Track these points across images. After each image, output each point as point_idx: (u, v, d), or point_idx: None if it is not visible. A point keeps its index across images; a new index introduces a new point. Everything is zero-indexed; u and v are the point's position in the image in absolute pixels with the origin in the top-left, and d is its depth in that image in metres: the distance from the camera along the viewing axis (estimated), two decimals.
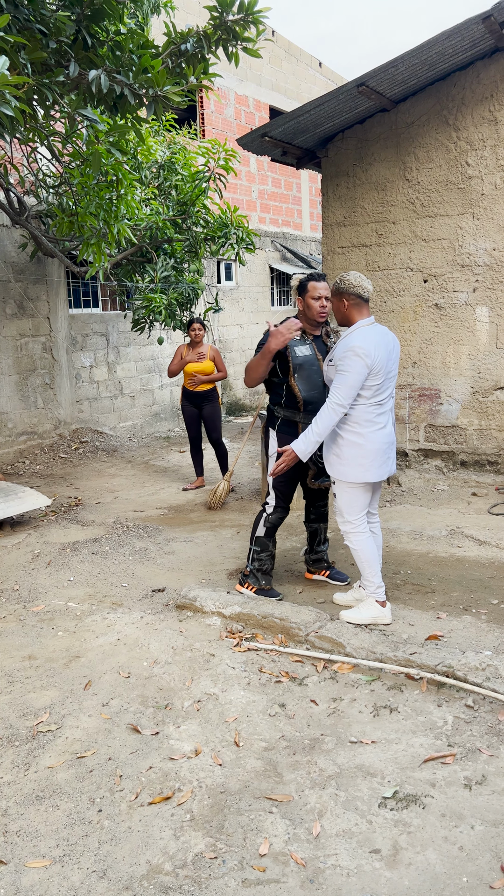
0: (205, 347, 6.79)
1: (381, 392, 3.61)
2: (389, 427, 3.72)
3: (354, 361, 3.50)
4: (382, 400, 3.64)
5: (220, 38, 4.06)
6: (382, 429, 3.66)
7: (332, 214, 7.33)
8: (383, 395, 3.64)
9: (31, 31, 3.73)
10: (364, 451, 3.62)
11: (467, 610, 3.92)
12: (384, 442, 3.66)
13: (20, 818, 2.41)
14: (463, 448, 6.90)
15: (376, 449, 3.63)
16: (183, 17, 10.90)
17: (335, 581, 4.34)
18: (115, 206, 5.53)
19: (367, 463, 3.63)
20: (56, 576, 4.65)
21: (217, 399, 6.88)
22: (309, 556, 4.44)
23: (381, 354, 3.56)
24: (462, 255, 6.66)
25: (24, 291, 8.29)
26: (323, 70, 15.56)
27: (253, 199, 13.31)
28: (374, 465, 3.64)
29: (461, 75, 6.40)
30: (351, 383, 3.52)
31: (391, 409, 3.74)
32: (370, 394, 3.59)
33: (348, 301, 3.64)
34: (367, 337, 3.55)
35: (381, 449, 3.65)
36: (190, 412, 6.90)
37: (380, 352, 3.55)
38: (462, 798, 2.41)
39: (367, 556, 3.75)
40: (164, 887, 2.09)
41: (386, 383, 3.63)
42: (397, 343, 3.76)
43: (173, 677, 3.26)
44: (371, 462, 3.64)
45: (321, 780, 2.54)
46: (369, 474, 3.65)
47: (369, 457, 3.63)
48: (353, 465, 3.65)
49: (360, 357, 3.49)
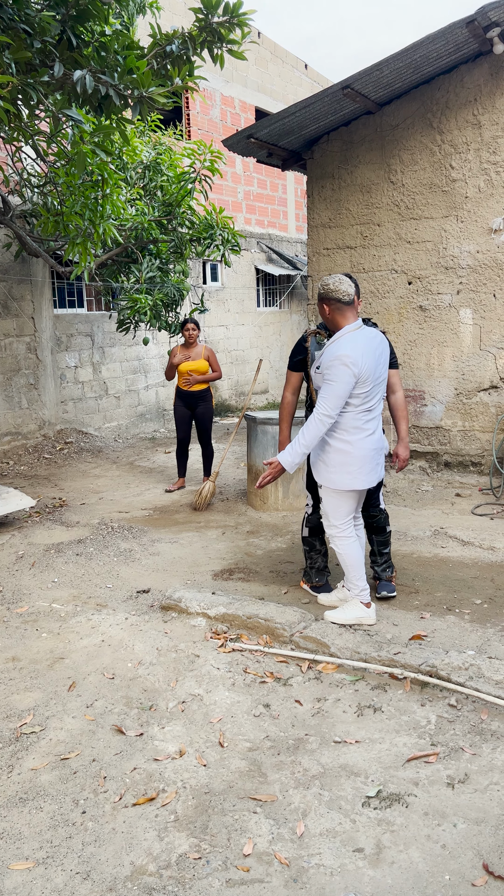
0: (199, 347, 6.78)
1: (370, 399, 3.56)
2: (378, 433, 3.67)
3: (341, 371, 3.42)
4: (371, 406, 3.59)
5: (205, 40, 4.07)
6: (371, 435, 3.60)
7: (318, 216, 7.36)
8: (372, 402, 3.59)
9: (15, 30, 3.71)
10: (351, 458, 3.57)
11: (451, 610, 3.95)
12: (372, 448, 3.61)
13: (3, 820, 2.40)
14: (447, 449, 6.94)
15: (364, 456, 3.58)
16: (168, 19, 10.89)
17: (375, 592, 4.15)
18: (101, 206, 5.52)
19: (354, 470, 3.59)
20: (40, 577, 4.63)
21: (211, 400, 6.87)
22: None
23: (369, 362, 3.49)
24: (446, 258, 6.70)
25: (9, 291, 8.25)
26: (309, 72, 15.61)
27: (238, 201, 13.32)
28: (362, 472, 3.60)
29: (445, 79, 6.45)
30: (338, 393, 3.44)
31: (379, 414, 3.69)
32: (358, 402, 3.53)
33: (329, 307, 3.57)
34: (354, 344, 3.47)
35: (369, 456, 3.60)
36: (182, 412, 6.88)
37: (367, 359, 3.48)
38: (445, 797, 2.42)
39: (352, 559, 3.74)
40: (148, 888, 2.09)
41: (374, 389, 3.58)
42: (386, 345, 3.69)
43: (158, 678, 3.26)
44: (359, 469, 3.59)
45: (305, 779, 2.55)
46: (356, 482, 3.60)
47: (356, 464, 3.58)
48: (340, 472, 3.60)
49: (346, 366, 3.41)
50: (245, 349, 13.38)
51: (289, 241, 14.97)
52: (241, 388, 13.21)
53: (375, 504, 4.10)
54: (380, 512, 4.13)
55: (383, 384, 3.67)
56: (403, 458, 4.09)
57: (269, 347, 14.06)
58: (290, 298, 14.77)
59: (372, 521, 4.13)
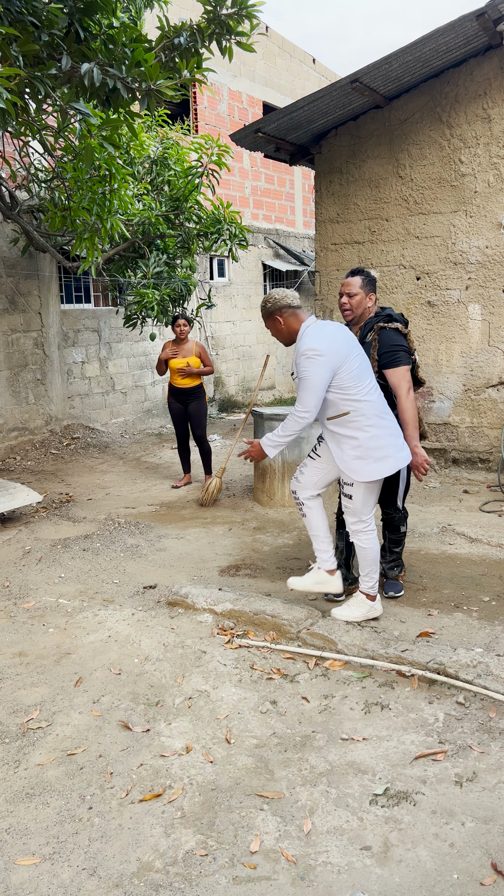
0: (190, 343, 6.76)
1: (363, 377, 3.43)
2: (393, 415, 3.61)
3: (308, 363, 3.32)
4: (368, 387, 3.45)
5: (213, 33, 4.04)
6: (392, 420, 3.55)
7: (326, 211, 7.32)
8: (367, 380, 3.46)
9: (23, 23, 3.69)
10: (384, 441, 3.47)
11: (458, 607, 3.93)
12: (396, 426, 3.58)
13: (10, 816, 2.39)
14: (455, 446, 6.91)
15: (392, 437, 3.52)
16: (176, 11, 10.85)
17: (382, 591, 4.11)
18: (108, 201, 5.50)
19: (392, 453, 3.50)
20: (47, 572, 4.63)
21: (203, 396, 6.85)
22: None
23: (337, 340, 3.37)
24: (455, 253, 6.66)
25: (16, 287, 8.24)
26: (316, 66, 15.54)
27: (246, 196, 13.28)
28: (394, 450, 3.52)
29: (455, 72, 6.40)
30: (313, 386, 3.32)
31: (380, 390, 3.58)
32: (352, 381, 3.38)
33: (283, 316, 3.47)
34: (315, 333, 3.38)
35: (397, 440, 3.55)
36: (176, 409, 6.87)
37: (333, 341, 3.36)
38: (453, 795, 2.41)
39: (375, 554, 3.67)
40: (154, 885, 2.08)
41: (362, 367, 3.44)
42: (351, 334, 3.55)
43: (164, 674, 3.25)
44: (394, 449, 3.51)
45: (312, 777, 2.54)
46: (394, 463, 3.51)
47: (391, 447, 3.49)
48: (374, 458, 3.47)
49: (311, 358, 3.31)
50: (252, 345, 13.35)
51: (296, 237, 14.92)
52: (248, 384, 13.18)
53: (392, 502, 4.05)
54: (397, 511, 4.07)
55: (367, 361, 3.54)
56: (415, 464, 3.90)
57: (276, 343, 14.02)
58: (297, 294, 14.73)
59: (389, 519, 4.10)
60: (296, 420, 3.40)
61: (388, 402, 3.74)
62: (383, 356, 3.77)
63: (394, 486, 3.99)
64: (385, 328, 3.80)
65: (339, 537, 4.16)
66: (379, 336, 3.78)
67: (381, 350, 3.77)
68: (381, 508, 4.11)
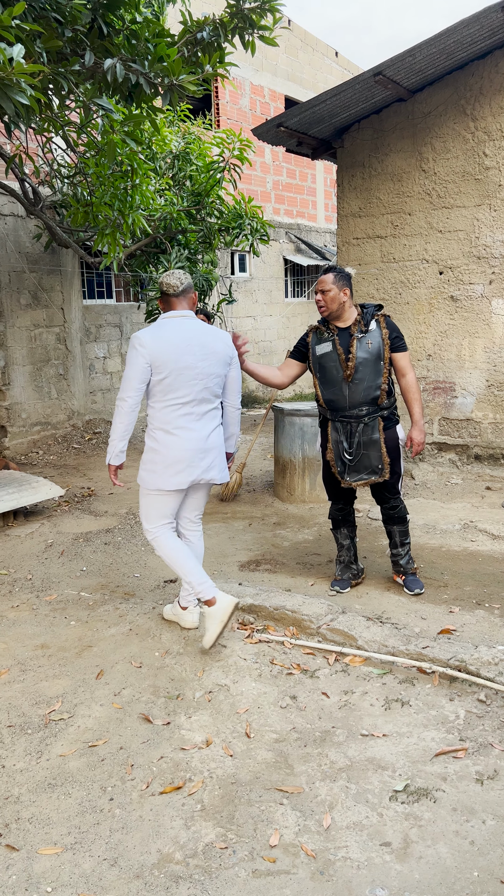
0: None
1: (174, 390, 3.28)
2: (204, 433, 3.37)
3: (131, 353, 3.27)
4: (179, 398, 3.29)
5: (236, 27, 4.03)
6: (190, 433, 3.32)
7: (348, 205, 7.28)
8: (178, 394, 3.29)
9: (46, 19, 3.71)
10: (159, 456, 3.34)
11: (480, 604, 3.90)
12: (187, 449, 3.32)
13: (32, 805, 2.43)
14: (477, 442, 6.85)
15: (174, 456, 3.32)
16: (199, 6, 10.83)
17: (407, 589, 4.09)
18: (130, 197, 5.51)
19: (160, 469, 3.34)
20: (69, 565, 4.67)
21: None
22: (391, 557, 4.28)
23: (166, 347, 3.24)
24: (478, 247, 6.59)
25: (39, 282, 8.31)
26: (339, 60, 15.44)
27: (267, 190, 13.25)
28: (168, 472, 3.33)
29: (479, 64, 6.33)
30: (128, 375, 3.26)
31: (209, 415, 3.39)
32: (161, 392, 3.28)
33: (160, 300, 3.47)
34: (156, 330, 3.29)
35: (182, 457, 3.32)
36: None
37: (163, 344, 3.24)
38: (473, 793, 2.40)
39: (170, 560, 3.45)
40: (174, 876, 2.10)
41: (179, 381, 3.27)
42: (213, 340, 3.35)
43: (185, 668, 3.27)
44: (164, 469, 3.33)
45: (332, 772, 2.54)
46: (162, 481, 3.34)
47: (163, 464, 3.33)
48: (147, 469, 3.40)
49: (134, 348, 3.25)
50: (273, 340, 13.33)
51: (318, 232, 14.86)
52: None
53: (395, 494, 4.06)
54: (399, 502, 4.09)
55: (200, 380, 3.31)
56: (418, 442, 3.96)
57: (296, 338, 13.99)
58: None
59: (392, 512, 4.10)
60: (118, 405, 3.32)
61: (391, 387, 3.92)
62: (394, 340, 3.91)
63: (397, 477, 4.02)
64: (387, 317, 3.93)
65: (343, 536, 4.19)
66: (386, 322, 3.90)
67: (392, 334, 3.91)
68: (382, 504, 4.11)
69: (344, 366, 3.82)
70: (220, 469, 3.47)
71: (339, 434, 3.94)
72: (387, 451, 3.91)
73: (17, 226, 7.98)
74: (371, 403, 3.86)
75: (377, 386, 3.83)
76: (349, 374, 3.81)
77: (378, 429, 3.88)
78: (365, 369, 3.81)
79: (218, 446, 3.46)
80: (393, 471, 3.97)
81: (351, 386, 3.83)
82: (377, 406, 3.87)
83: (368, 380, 3.82)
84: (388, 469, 3.92)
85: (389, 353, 3.87)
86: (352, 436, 3.91)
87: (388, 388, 3.89)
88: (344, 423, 3.92)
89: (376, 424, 3.88)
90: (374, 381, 3.83)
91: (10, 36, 2.96)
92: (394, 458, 3.95)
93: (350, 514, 4.20)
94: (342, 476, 3.98)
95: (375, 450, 3.89)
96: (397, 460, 3.98)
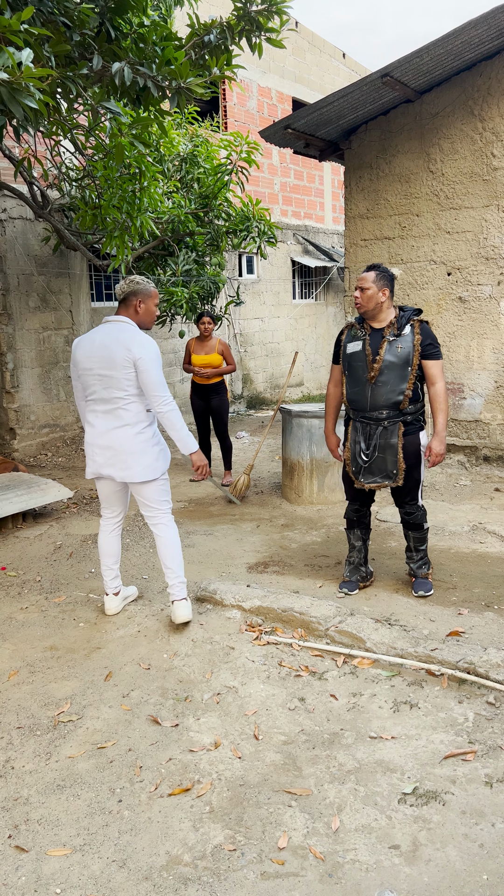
0: (213, 341, 6.77)
1: (87, 387, 3.62)
2: (103, 429, 3.61)
3: None
4: (90, 395, 3.62)
5: (243, 29, 4.04)
6: (92, 428, 3.66)
7: (355, 207, 7.28)
8: (89, 391, 3.61)
9: (55, 23, 3.73)
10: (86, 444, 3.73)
11: (489, 606, 3.89)
12: (91, 443, 3.68)
13: (41, 807, 2.43)
14: (486, 443, 6.83)
15: (89, 444, 3.69)
16: (206, 9, 10.86)
17: (413, 590, 4.07)
18: (138, 199, 5.53)
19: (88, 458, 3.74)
20: (77, 567, 4.68)
21: (225, 392, 6.87)
22: None
23: (80, 350, 3.60)
24: (487, 248, 6.58)
25: (47, 284, 8.34)
26: (346, 61, 15.43)
27: (275, 192, 13.25)
28: (89, 460, 3.72)
29: (487, 65, 6.31)
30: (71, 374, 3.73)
31: (111, 414, 3.59)
32: (83, 392, 3.68)
33: None
34: (85, 335, 3.64)
35: (91, 450, 3.68)
36: (198, 405, 6.90)
37: (79, 348, 3.60)
38: (483, 795, 2.39)
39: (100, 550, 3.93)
40: (183, 878, 2.10)
41: (88, 380, 3.59)
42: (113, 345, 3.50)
43: (193, 669, 3.27)
44: (89, 458, 3.72)
45: (340, 774, 2.53)
46: (88, 469, 3.75)
47: (88, 452, 3.72)
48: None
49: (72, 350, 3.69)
50: (280, 342, 13.33)
51: (325, 233, 14.86)
52: (276, 381, 13.17)
53: (412, 501, 4.01)
54: (417, 509, 4.04)
55: (104, 382, 3.54)
56: (437, 452, 3.88)
57: (304, 340, 13.99)
58: (326, 290, 14.67)
59: (408, 517, 4.07)
60: None
61: (419, 393, 3.87)
62: (426, 347, 3.82)
63: (415, 483, 3.97)
64: (423, 322, 3.86)
65: (356, 537, 4.18)
66: (421, 328, 3.83)
67: (425, 341, 3.82)
68: (399, 507, 4.08)
69: (370, 367, 3.79)
70: (124, 469, 3.61)
71: (357, 434, 3.93)
72: (405, 456, 3.85)
73: (25, 229, 8.02)
74: (392, 408, 3.81)
75: (400, 391, 3.78)
76: (373, 375, 3.78)
77: (397, 434, 3.83)
78: (390, 373, 3.77)
79: (120, 445, 3.60)
80: (410, 477, 3.91)
81: (374, 388, 3.80)
82: (399, 411, 3.82)
83: (392, 384, 3.77)
84: (402, 475, 3.87)
85: (419, 359, 3.79)
86: (369, 437, 3.88)
87: (414, 395, 3.83)
88: (363, 423, 3.90)
89: (396, 429, 3.83)
90: (398, 386, 3.78)
91: (19, 40, 2.98)
92: (412, 464, 3.88)
93: (366, 515, 4.17)
94: (356, 476, 3.96)
95: (392, 454, 3.85)
96: (416, 467, 3.90)
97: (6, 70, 2.89)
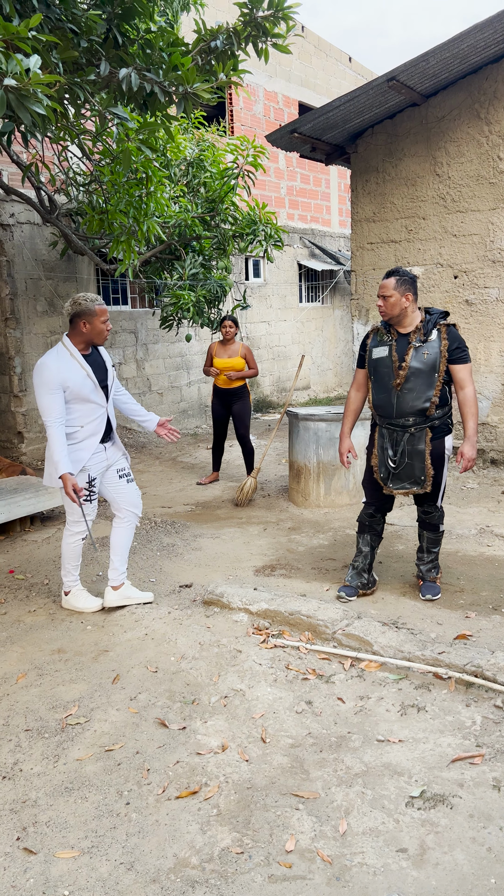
0: (236, 345, 6.78)
1: None
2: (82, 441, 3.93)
3: None
4: None
5: (249, 35, 4.05)
6: None
7: (362, 210, 7.29)
8: None
9: (62, 30, 3.76)
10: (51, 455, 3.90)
11: (497, 610, 3.88)
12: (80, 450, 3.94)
13: (50, 809, 2.44)
14: (493, 446, 6.82)
15: None
16: (213, 14, 10.90)
17: (420, 593, 4.08)
18: (145, 204, 5.55)
19: None
20: (85, 570, 4.69)
21: (247, 396, 6.86)
22: None
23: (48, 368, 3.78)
24: (493, 251, 6.57)
25: (55, 289, 8.38)
26: (353, 65, 15.46)
27: (281, 196, 13.28)
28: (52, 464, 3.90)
29: (493, 68, 6.32)
30: None
31: None
32: None
33: None
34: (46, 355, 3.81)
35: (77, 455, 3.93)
36: (218, 410, 6.90)
37: None
38: (490, 799, 2.38)
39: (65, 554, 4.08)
40: (190, 881, 2.10)
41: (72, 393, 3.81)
42: None
43: (200, 672, 3.27)
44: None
45: (348, 777, 2.53)
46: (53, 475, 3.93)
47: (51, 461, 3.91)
48: None
49: None
50: (287, 345, 13.34)
51: (332, 237, 14.87)
52: (283, 385, 13.18)
53: (432, 502, 3.99)
54: (436, 509, 4.02)
55: (88, 388, 3.80)
56: (468, 457, 3.82)
57: (311, 343, 14.00)
58: (332, 294, 14.68)
59: (426, 517, 4.06)
60: None
61: (447, 397, 3.85)
62: (454, 352, 3.76)
63: (437, 485, 3.95)
64: (450, 326, 3.80)
65: (364, 542, 4.16)
66: (448, 333, 3.78)
67: (452, 346, 3.76)
68: (419, 507, 4.07)
69: (396, 374, 3.75)
70: None
71: (384, 441, 3.89)
72: (431, 461, 3.82)
73: (33, 233, 8.06)
74: (419, 414, 3.77)
75: (427, 398, 3.73)
76: (399, 382, 3.74)
77: (425, 440, 3.80)
78: (416, 380, 3.72)
79: None
80: (435, 482, 3.90)
81: (400, 395, 3.76)
82: (425, 417, 3.78)
83: (418, 391, 3.73)
84: (430, 481, 3.84)
85: (446, 365, 3.75)
86: (397, 444, 3.84)
87: (441, 399, 3.79)
88: (390, 430, 3.86)
89: (423, 435, 3.80)
90: (425, 393, 3.73)
91: (27, 47, 3.00)
92: (437, 467, 3.86)
93: (379, 522, 4.14)
94: (385, 482, 3.93)
95: (420, 460, 3.82)
96: (440, 470, 3.89)
97: (14, 76, 2.92)
